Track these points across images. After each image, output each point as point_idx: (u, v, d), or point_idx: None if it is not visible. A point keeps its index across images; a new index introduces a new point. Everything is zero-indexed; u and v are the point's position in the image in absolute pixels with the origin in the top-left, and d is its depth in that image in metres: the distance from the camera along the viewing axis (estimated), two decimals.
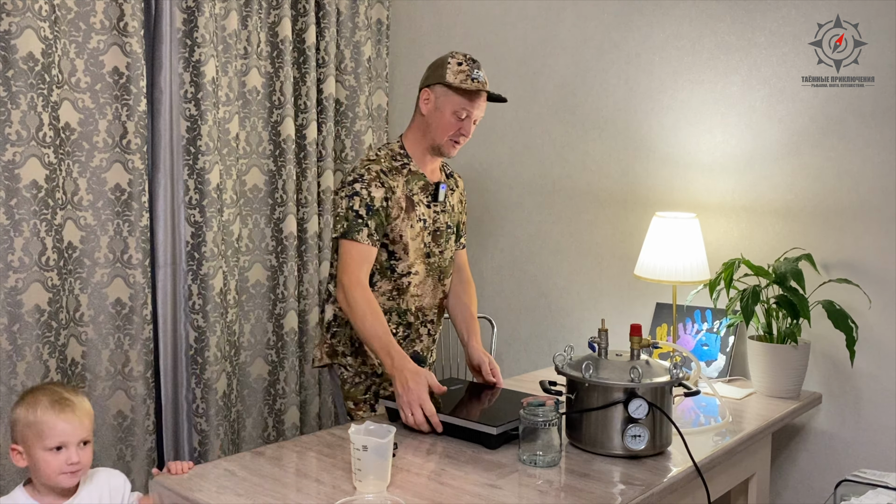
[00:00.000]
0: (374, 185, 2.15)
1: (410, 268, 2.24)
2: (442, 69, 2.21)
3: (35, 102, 2.28)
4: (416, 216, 2.24)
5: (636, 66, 2.76)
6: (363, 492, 1.62)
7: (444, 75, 2.19)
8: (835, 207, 2.40)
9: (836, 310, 2.24)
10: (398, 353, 2.02)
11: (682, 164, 2.68)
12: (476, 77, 2.20)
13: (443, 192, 2.31)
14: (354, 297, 2.08)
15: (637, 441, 1.77)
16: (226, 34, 2.79)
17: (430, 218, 2.28)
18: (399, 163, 2.25)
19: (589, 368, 1.80)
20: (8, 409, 2.28)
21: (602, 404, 1.79)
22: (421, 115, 2.24)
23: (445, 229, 2.32)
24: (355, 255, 2.12)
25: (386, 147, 2.29)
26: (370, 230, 2.13)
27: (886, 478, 1.88)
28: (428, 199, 2.28)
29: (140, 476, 2.58)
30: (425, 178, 2.28)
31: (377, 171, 2.18)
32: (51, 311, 2.34)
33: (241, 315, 2.93)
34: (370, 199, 2.14)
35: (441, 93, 2.20)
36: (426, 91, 2.23)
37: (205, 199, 2.71)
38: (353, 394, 2.26)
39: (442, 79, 2.19)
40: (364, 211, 2.13)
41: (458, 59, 2.21)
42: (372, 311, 2.07)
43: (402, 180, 2.22)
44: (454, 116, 2.20)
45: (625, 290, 2.83)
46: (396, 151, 2.27)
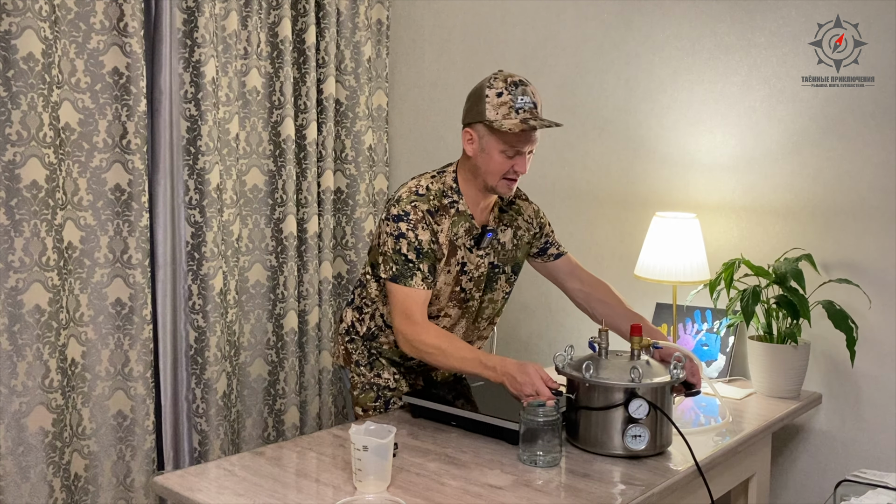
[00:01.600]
0: (420, 226, 2.00)
1: (440, 311, 2.14)
2: (481, 104, 1.97)
3: (35, 102, 2.28)
4: (455, 261, 2.08)
5: (636, 66, 2.76)
6: (363, 492, 1.62)
7: (484, 112, 1.96)
8: (835, 207, 2.40)
9: (837, 310, 2.24)
10: (495, 360, 1.91)
11: (682, 164, 2.68)
12: (521, 106, 1.95)
13: (487, 239, 2.13)
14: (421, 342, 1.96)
15: (637, 441, 1.78)
16: (226, 34, 2.79)
17: (472, 263, 2.11)
18: (448, 200, 2.07)
19: (589, 368, 1.80)
20: (8, 409, 2.28)
21: (603, 404, 1.79)
22: (467, 157, 2.05)
23: (490, 270, 2.17)
24: (408, 300, 1.99)
25: (440, 178, 2.09)
26: (424, 274, 1.99)
27: (886, 478, 1.88)
28: (471, 244, 2.10)
29: (140, 476, 2.58)
30: (472, 221, 2.09)
31: (423, 213, 2.01)
32: (51, 311, 2.34)
33: (241, 315, 2.93)
34: (418, 242, 1.99)
35: (483, 132, 1.98)
36: (467, 131, 2.02)
37: (205, 199, 2.71)
38: (362, 400, 2.23)
39: (482, 116, 1.97)
40: (413, 255, 1.99)
41: (498, 87, 1.96)
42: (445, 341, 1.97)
43: (448, 223, 2.06)
44: (503, 156, 1.99)
45: (625, 290, 2.83)
46: (448, 186, 2.08)
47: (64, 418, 2.40)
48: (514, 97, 1.95)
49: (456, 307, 2.17)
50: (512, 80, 1.98)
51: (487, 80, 2.00)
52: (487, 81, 1.99)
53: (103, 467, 2.53)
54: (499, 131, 1.96)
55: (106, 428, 2.54)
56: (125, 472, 2.58)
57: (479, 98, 1.98)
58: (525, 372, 1.86)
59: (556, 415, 1.77)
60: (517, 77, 2.00)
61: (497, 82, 1.98)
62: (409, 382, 2.24)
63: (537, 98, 2.01)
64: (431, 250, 2.01)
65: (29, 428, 2.31)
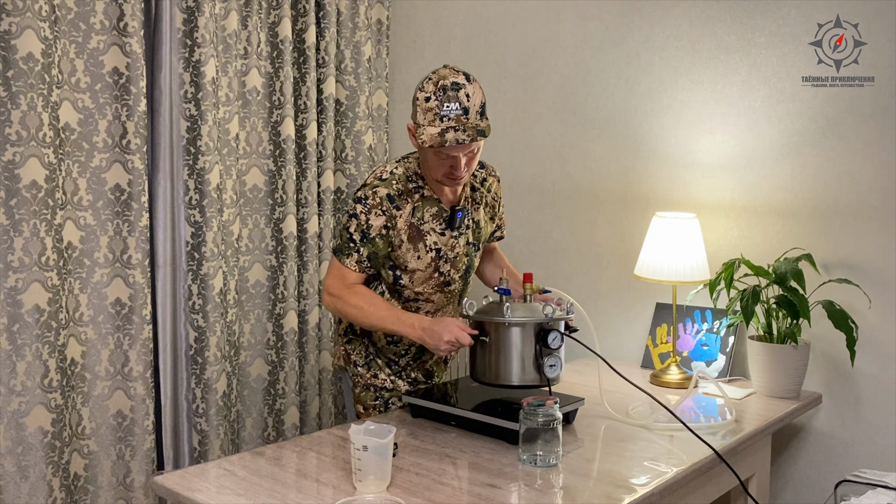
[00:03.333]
0: (374, 212, 2.04)
1: (419, 296, 2.18)
2: (414, 104, 1.95)
3: (35, 102, 2.28)
4: (424, 247, 2.10)
5: (636, 66, 2.76)
6: (363, 492, 1.62)
7: (415, 114, 1.95)
8: (835, 207, 2.40)
9: (837, 310, 2.24)
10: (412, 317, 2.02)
11: (682, 164, 2.68)
12: (446, 114, 1.88)
13: (458, 219, 2.13)
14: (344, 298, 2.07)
15: (553, 370, 1.97)
16: (226, 34, 2.79)
17: (445, 245, 2.13)
18: (413, 184, 2.08)
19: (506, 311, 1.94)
20: (7, 409, 2.28)
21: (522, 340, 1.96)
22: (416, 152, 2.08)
23: (470, 249, 2.21)
24: (339, 274, 2.10)
25: (405, 162, 2.11)
26: (360, 257, 2.06)
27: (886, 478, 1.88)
28: (442, 227, 2.12)
29: (140, 476, 2.58)
30: (439, 204, 2.10)
31: (382, 197, 2.04)
32: (50, 311, 2.34)
33: (240, 315, 2.93)
34: (367, 226, 2.04)
35: (417, 133, 1.95)
36: (409, 125, 2.01)
37: (205, 199, 2.71)
38: (363, 398, 2.25)
39: (415, 118, 1.95)
40: (358, 237, 2.05)
41: (427, 91, 1.91)
42: (366, 300, 2.05)
43: (410, 207, 2.07)
44: (436, 158, 1.98)
45: (625, 290, 2.83)
46: (413, 171, 2.09)
47: (63, 418, 2.40)
48: (441, 103, 1.89)
49: (438, 292, 2.19)
50: (443, 83, 1.90)
51: (424, 79, 1.95)
52: (422, 82, 1.95)
53: (103, 467, 2.53)
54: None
55: (105, 428, 2.54)
56: (125, 471, 2.57)
57: (414, 98, 1.96)
58: (442, 322, 1.97)
59: (556, 415, 1.78)
60: (451, 79, 1.91)
61: (429, 85, 1.92)
62: (406, 383, 2.25)
63: (472, 101, 1.92)
64: (380, 237, 2.06)
65: (28, 427, 2.31)
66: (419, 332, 1.99)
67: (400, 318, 2.03)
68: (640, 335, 2.80)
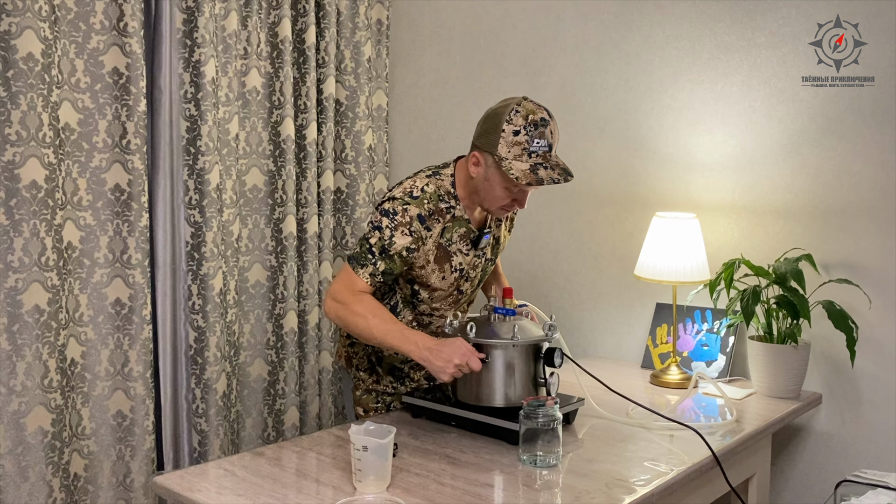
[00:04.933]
0: (401, 230, 1.97)
1: (434, 311, 2.16)
2: (495, 134, 1.88)
3: (35, 102, 2.28)
4: (450, 267, 2.08)
5: (636, 66, 2.76)
6: (363, 492, 1.62)
7: (497, 145, 1.88)
8: (835, 207, 2.40)
9: (837, 310, 2.24)
10: (417, 336, 1.93)
11: (682, 164, 2.68)
12: (535, 150, 1.87)
13: (485, 241, 2.12)
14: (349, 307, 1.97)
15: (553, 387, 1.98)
16: (226, 34, 2.79)
17: (469, 265, 2.11)
18: (445, 205, 2.03)
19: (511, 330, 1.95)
20: (7, 409, 2.28)
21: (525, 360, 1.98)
22: (470, 177, 1.99)
23: (486, 266, 2.20)
24: (349, 282, 2.01)
25: (437, 179, 2.04)
26: (375, 270, 1.99)
27: (886, 478, 1.88)
28: (468, 248, 2.09)
29: (140, 476, 2.58)
30: (468, 225, 2.07)
31: (412, 217, 1.98)
32: (50, 311, 2.34)
33: (240, 315, 2.92)
34: (389, 242, 1.97)
35: (491, 164, 1.92)
36: (476, 154, 1.95)
37: (205, 199, 2.70)
38: (364, 401, 2.25)
39: (493, 148, 1.89)
40: (378, 250, 1.98)
41: (517, 124, 1.86)
42: (372, 312, 1.96)
43: (440, 228, 2.02)
44: (505, 191, 1.95)
45: (625, 290, 2.83)
46: (446, 190, 2.03)
47: (63, 418, 2.39)
48: (531, 139, 1.87)
49: (451, 306, 2.20)
50: (533, 118, 1.88)
51: (509, 109, 1.90)
52: (508, 113, 1.89)
53: (103, 467, 2.53)
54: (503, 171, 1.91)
55: (105, 428, 2.54)
56: (125, 472, 2.57)
57: (496, 128, 1.89)
58: (450, 344, 1.89)
59: (556, 415, 1.78)
60: (540, 114, 1.90)
61: (517, 118, 1.88)
62: (407, 389, 2.24)
63: (555, 138, 1.94)
64: (400, 256, 1.99)
65: (28, 428, 2.31)
66: (423, 352, 1.89)
67: (404, 334, 1.93)
68: (640, 335, 2.80)
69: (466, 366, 1.88)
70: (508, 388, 1.98)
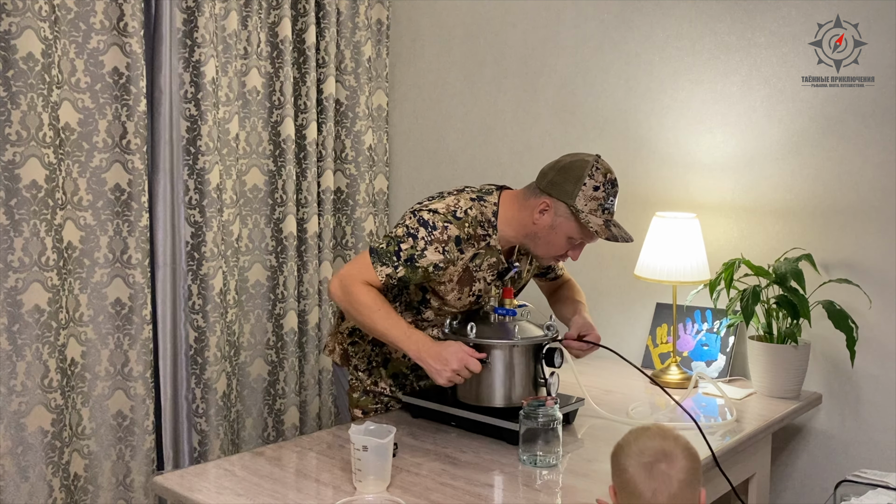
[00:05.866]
0: (435, 247, 1.95)
1: (436, 319, 2.14)
2: (575, 186, 1.92)
3: (35, 102, 2.28)
4: (470, 291, 2.06)
5: (636, 66, 2.76)
6: (363, 492, 1.62)
7: (575, 196, 1.92)
8: (835, 207, 2.40)
9: (837, 310, 2.24)
10: (419, 335, 1.93)
11: (682, 164, 2.68)
12: (608, 207, 1.95)
13: (513, 272, 2.11)
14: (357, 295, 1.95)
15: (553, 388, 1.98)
16: (226, 34, 2.79)
17: (487, 293, 2.10)
18: (483, 232, 2.01)
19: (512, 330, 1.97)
20: (7, 409, 2.28)
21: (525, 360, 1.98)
22: (532, 223, 1.98)
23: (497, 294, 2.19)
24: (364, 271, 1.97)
25: (480, 204, 2.02)
26: (394, 273, 1.96)
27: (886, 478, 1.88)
28: (493, 278, 2.08)
29: (140, 476, 2.58)
30: (499, 255, 2.06)
31: (450, 237, 1.96)
32: (50, 311, 2.34)
33: (240, 315, 2.93)
34: (420, 255, 1.95)
35: (563, 213, 1.94)
36: (547, 201, 1.95)
37: (205, 199, 2.71)
38: (363, 403, 2.21)
39: (570, 199, 1.92)
40: (405, 257, 1.95)
41: (598, 180, 1.92)
42: (379, 303, 1.95)
43: (471, 253, 2.01)
44: (569, 242, 1.99)
45: (625, 290, 2.83)
46: (487, 218, 2.01)
47: (63, 418, 2.39)
48: (607, 196, 1.95)
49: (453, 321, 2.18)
50: (611, 177, 1.97)
51: (590, 165, 1.95)
52: (590, 168, 1.94)
53: (103, 467, 2.53)
54: (580, 222, 1.94)
55: (105, 428, 2.54)
56: (125, 471, 2.57)
57: (576, 180, 1.93)
58: (448, 347, 1.90)
59: (556, 415, 1.78)
60: (614, 175, 1.99)
61: (598, 174, 1.95)
62: (405, 392, 2.22)
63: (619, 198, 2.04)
64: (424, 271, 1.97)
65: (28, 428, 2.31)
66: (422, 352, 1.89)
67: (406, 332, 1.93)
68: (640, 335, 2.80)
69: (465, 370, 1.88)
70: (508, 388, 1.97)
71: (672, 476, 1.32)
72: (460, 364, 1.87)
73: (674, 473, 1.33)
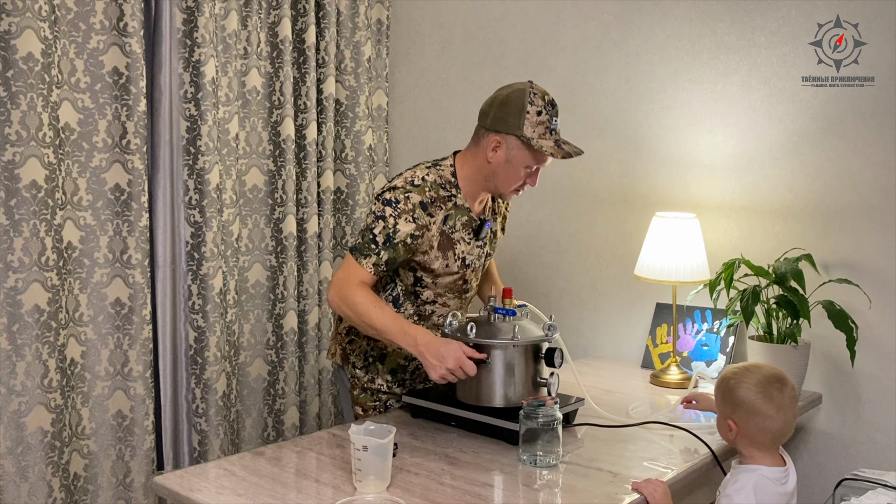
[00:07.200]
0: (405, 217, 2.01)
1: (438, 297, 2.17)
2: (518, 118, 2.00)
3: (35, 102, 2.28)
4: (454, 255, 2.11)
5: (636, 66, 2.76)
6: (363, 492, 1.62)
7: (521, 126, 2.00)
8: (835, 207, 2.40)
9: (837, 310, 2.24)
10: (416, 330, 1.96)
11: (682, 164, 2.68)
12: (554, 127, 2.02)
13: (486, 229, 2.17)
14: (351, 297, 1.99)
15: (553, 388, 1.98)
16: (226, 34, 2.79)
17: (472, 255, 2.16)
18: (446, 193, 2.08)
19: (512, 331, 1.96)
20: (7, 409, 2.28)
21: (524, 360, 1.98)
22: (486, 162, 2.06)
23: (485, 260, 2.25)
24: (354, 273, 2.03)
25: (436, 170, 2.10)
26: (378, 260, 2.01)
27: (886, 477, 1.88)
28: (470, 237, 2.14)
29: (139, 476, 2.58)
30: (469, 214, 2.12)
31: (415, 204, 2.02)
32: (50, 311, 2.34)
33: (240, 315, 2.93)
34: (393, 230, 2.00)
35: (514, 145, 2.02)
36: (496, 138, 2.03)
37: (204, 199, 2.70)
38: (362, 400, 2.24)
39: (518, 130, 2.00)
40: (382, 239, 2.00)
41: (538, 105, 2.00)
42: (374, 303, 1.99)
43: (442, 215, 2.07)
44: (525, 171, 2.06)
45: (625, 290, 2.83)
46: (447, 179, 2.09)
47: (63, 418, 2.39)
48: (550, 118, 2.01)
49: (455, 298, 2.20)
50: (548, 98, 2.03)
51: (526, 93, 2.01)
52: (528, 96, 2.00)
53: (103, 467, 2.53)
54: (533, 149, 2.01)
55: (105, 428, 2.54)
56: (124, 471, 2.57)
57: (519, 111, 2.00)
58: (447, 344, 1.92)
59: (556, 415, 1.78)
60: (551, 96, 2.05)
61: (537, 99, 2.01)
62: (403, 390, 2.24)
63: None
64: (404, 244, 2.02)
65: (28, 427, 2.31)
66: (420, 347, 1.93)
67: (403, 328, 1.97)
68: (640, 335, 2.80)
69: (460, 370, 1.90)
70: (508, 388, 1.97)
71: (786, 394, 1.67)
72: (456, 364, 1.90)
73: (787, 391, 1.67)
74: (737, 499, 1.63)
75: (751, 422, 1.66)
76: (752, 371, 1.71)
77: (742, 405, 1.67)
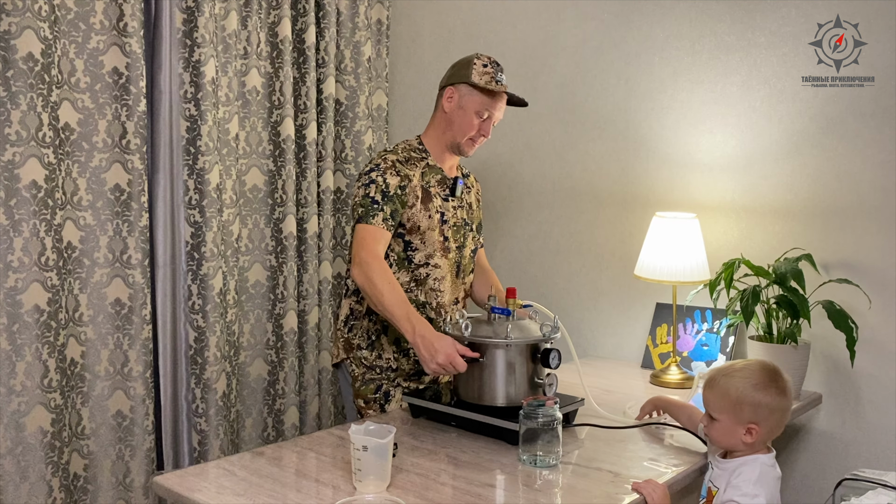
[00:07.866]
0: (389, 172, 2.22)
1: (429, 258, 2.27)
2: (467, 69, 2.28)
3: (35, 102, 2.28)
4: (433, 207, 2.28)
5: (636, 66, 2.76)
6: (363, 492, 1.62)
7: (470, 75, 2.26)
8: (835, 207, 2.40)
9: (837, 310, 2.24)
10: (419, 320, 2.03)
11: (682, 164, 2.68)
12: (500, 80, 2.27)
13: (460, 186, 2.36)
14: (372, 269, 2.09)
15: (551, 388, 2.00)
16: (226, 34, 2.79)
17: (448, 212, 2.32)
18: (417, 156, 2.32)
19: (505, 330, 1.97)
20: (7, 409, 2.28)
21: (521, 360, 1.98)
22: (443, 113, 2.31)
23: (463, 225, 2.36)
24: (369, 236, 2.15)
25: (404, 142, 2.36)
26: (385, 214, 2.18)
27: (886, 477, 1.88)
28: (445, 194, 2.33)
29: (139, 476, 2.58)
30: (443, 173, 2.34)
31: (393, 161, 2.25)
32: (50, 311, 2.34)
33: (240, 315, 2.92)
34: (385, 185, 2.20)
35: (465, 92, 2.28)
36: (450, 89, 2.30)
37: (204, 199, 2.70)
38: (363, 392, 2.27)
39: (467, 78, 2.26)
40: (380, 196, 2.19)
41: (484, 60, 2.28)
42: (389, 282, 2.09)
43: (419, 171, 2.28)
44: (476, 116, 2.27)
45: (625, 290, 2.83)
46: (415, 146, 2.34)
47: (63, 418, 2.39)
48: (496, 72, 2.28)
49: (443, 257, 2.29)
50: (494, 60, 2.31)
51: (474, 55, 2.31)
52: (475, 56, 2.30)
53: (102, 467, 2.53)
54: (482, 90, 2.25)
55: (105, 428, 2.54)
56: (124, 471, 2.57)
57: (467, 65, 2.28)
58: (442, 339, 1.97)
59: (556, 415, 1.78)
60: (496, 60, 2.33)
61: (483, 58, 2.30)
62: (409, 363, 2.28)
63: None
64: (398, 196, 2.21)
65: (28, 428, 2.31)
66: (416, 337, 1.99)
67: (408, 314, 2.05)
68: (640, 335, 2.80)
69: (451, 366, 1.95)
70: (508, 387, 1.98)
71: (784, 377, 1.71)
72: (446, 360, 1.95)
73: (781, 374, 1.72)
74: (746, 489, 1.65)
75: (772, 419, 1.69)
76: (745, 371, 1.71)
77: (762, 407, 1.68)
